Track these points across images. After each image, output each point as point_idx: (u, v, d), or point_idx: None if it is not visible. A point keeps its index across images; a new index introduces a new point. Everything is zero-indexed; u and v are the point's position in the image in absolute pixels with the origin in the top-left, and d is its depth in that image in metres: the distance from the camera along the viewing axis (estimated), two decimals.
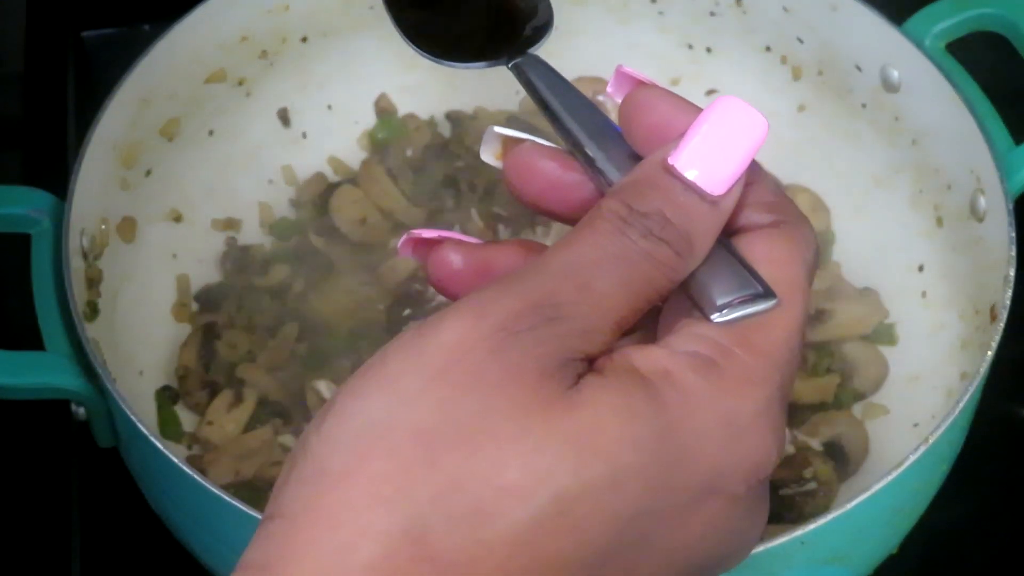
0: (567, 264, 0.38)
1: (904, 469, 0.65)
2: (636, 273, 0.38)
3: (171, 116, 0.83)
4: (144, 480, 0.74)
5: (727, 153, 0.39)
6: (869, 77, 0.83)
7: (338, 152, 0.90)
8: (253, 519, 0.64)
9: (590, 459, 0.36)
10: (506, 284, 0.38)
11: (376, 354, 0.38)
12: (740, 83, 0.89)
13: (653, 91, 0.42)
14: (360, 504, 0.36)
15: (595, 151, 0.42)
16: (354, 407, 0.37)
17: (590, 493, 0.36)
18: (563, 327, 0.37)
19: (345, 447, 0.36)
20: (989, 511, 0.80)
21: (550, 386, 0.36)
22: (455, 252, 0.43)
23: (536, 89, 0.45)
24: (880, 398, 0.81)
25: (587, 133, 0.43)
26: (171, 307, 0.84)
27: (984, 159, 0.75)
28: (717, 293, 0.39)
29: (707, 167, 0.39)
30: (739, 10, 0.87)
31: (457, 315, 0.37)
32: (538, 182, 0.43)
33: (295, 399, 0.81)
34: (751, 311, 0.39)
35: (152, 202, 0.83)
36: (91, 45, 0.97)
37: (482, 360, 0.36)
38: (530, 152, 0.43)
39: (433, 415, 0.36)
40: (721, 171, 0.39)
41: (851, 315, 0.83)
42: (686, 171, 0.39)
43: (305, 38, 0.88)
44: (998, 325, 0.70)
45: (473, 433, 0.36)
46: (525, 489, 0.36)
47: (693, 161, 0.39)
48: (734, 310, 0.39)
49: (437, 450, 0.36)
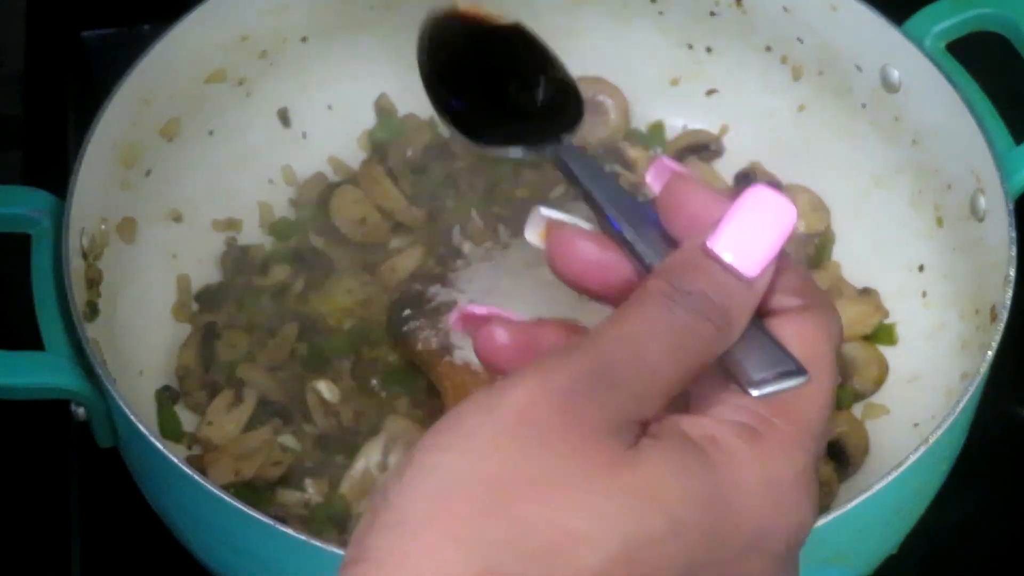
0: (621, 335, 0.41)
1: (905, 469, 0.65)
2: (682, 345, 0.41)
3: (171, 116, 0.83)
4: (144, 480, 0.74)
5: (760, 238, 0.43)
6: (869, 77, 0.83)
7: (338, 152, 0.90)
8: (253, 519, 0.64)
9: (653, 510, 0.39)
10: (567, 352, 0.41)
11: (449, 413, 0.41)
12: (740, 83, 0.89)
13: (690, 184, 0.45)
14: (439, 548, 0.38)
15: (633, 235, 0.46)
16: (432, 460, 0.40)
17: (654, 542, 0.39)
18: (621, 392, 0.40)
19: (424, 497, 0.39)
20: (989, 511, 0.80)
21: (612, 444, 0.40)
22: (502, 329, 0.46)
23: (576, 178, 0.49)
24: (880, 398, 0.81)
25: (626, 218, 0.46)
26: (171, 307, 0.84)
27: (984, 159, 0.75)
28: (754, 369, 0.42)
29: (742, 250, 0.42)
30: (739, 10, 0.87)
31: (524, 377, 0.40)
32: (578, 262, 0.47)
33: (295, 399, 0.81)
34: (785, 386, 0.42)
35: (152, 202, 0.83)
36: (91, 45, 0.97)
37: (550, 418, 0.39)
38: (571, 235, 0.47)
39: (505, 466, 0.39)
40: (755, 254, 0.42)
41: (851, 315, 0.83)
42: (723, 254, 0.43)
43: (305, 38, 0.88)
44: (998, 325, 0.70)
45: (544, 483, 0.39)
46: (594, 534, 0.38)
47: (730, 245, 0.42)
48: (769, 385, 0.42)
49: (510, 497, 0.38)
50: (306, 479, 0.78)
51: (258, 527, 0.64)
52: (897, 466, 0.65)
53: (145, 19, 0.95)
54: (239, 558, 0.69)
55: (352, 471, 0.77)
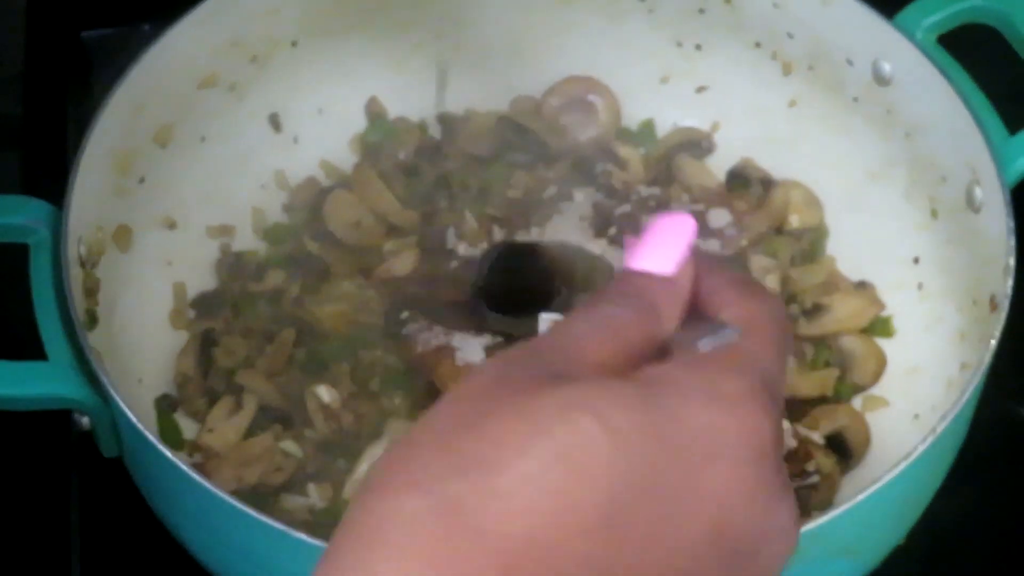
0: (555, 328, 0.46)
1: (913, 460, 0.65)
2: (605, 325, 0.45)
3: (164, 122, 0.82)
4: (150, 489, 0.73)
5: (667, 243, 0.49)
6: (861, 71, 0.83)
7: (330, 156, 0.90)
8: (262, 524, 0.64)
9: (579, 415, 0.41)
10: (509, 352, 0.45)
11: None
12: (730, 79, 0.90)
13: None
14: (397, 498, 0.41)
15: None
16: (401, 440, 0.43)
17: (586, 447, 0.41)
18: (548, 356, 0.44)
19: (385, 467, 0.42)
20: (989, 511, 0.80)
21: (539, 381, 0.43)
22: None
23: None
24: (879, 390, 0.82)
25: None
26: (168, 314, 0.84)
27: (979, 150, 0.76)
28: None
29: (654, 257, 0.48)
30: (728, 7, 0.87)
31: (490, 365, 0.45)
32: None
33: (295, 404, 0.80)
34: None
35: (146, 209, 0.83)
36: (91, 45, 0.97)
37: (486, 383, 0.43)
38: None
39: (449, 420, 0.43)
40: (665, 255, 0.48)
41: (848, 309, 0.83)
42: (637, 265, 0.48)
43: (295, 42, 0.87)
44: (1000, 314, 0.70)
45: (478, 422, 0.42)
46: (525, 445, 0.41)
47: (644, 258, 0.48)
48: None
49: (451, 439, 0.42)
50: (309, 484, 0.78)
51: (270, 533, 0.64)
52: (905, 457, 0.65)
53: (145, 19, 0.95)
54: (249, 565, 0.69)
55: (355, 475, 0.77)
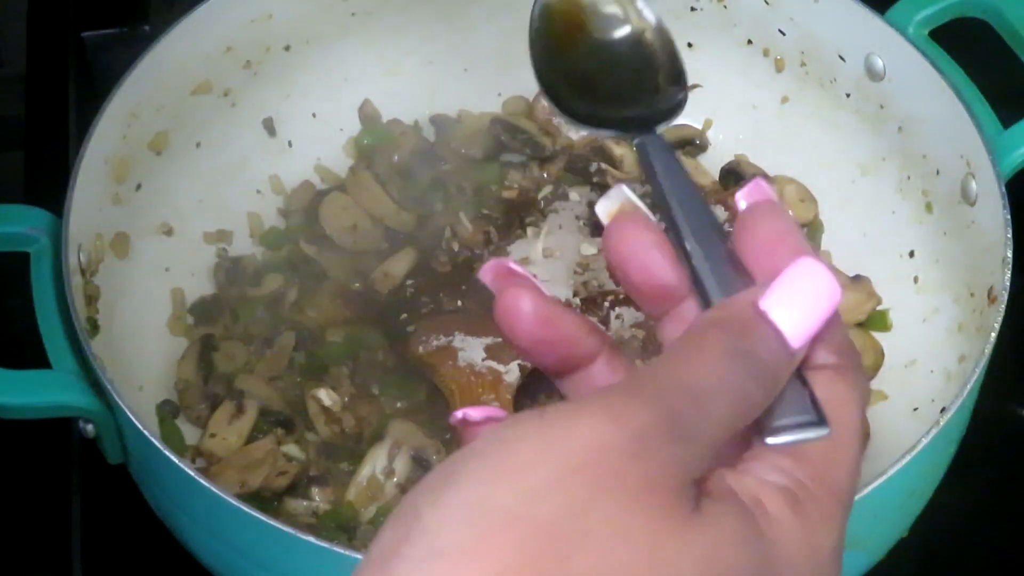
0: (689, 387, 0.39)
1: (917, 452, 0.65)
2: (740, 406, 0.40)
3: (159, 129, 0.83)
4: (155, 494, 0.73)
5: (808, 311, 0.42)
6: (853, 66, 0.84)
7: (325, 160, 0.90)
8: (269, 527, 0.64)
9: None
10: (634, 391, 0.39)
11: (491, 436, 0.38)
12: (723, 77, 0.90)
13: (773, 208, 0.45)
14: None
15: (694, 247, 0.44)
16: (479, 490, 0.36)
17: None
18: (691, 448, 0.38)
19: (467, 531, 0.36)
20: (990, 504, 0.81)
21: (680, 503, 0.37)
22: (529, 296, 0.44)
23: (654, 171, 0.47)
24: (878, 384, 0.82)
25: (691, 227, 0.45)
26: (167, 321, 0.84)
27: (974, 143, 0.76)
28: (776, 415, 0.41)
29: (790, 320, 0.42)
30: (720, 5, 0.88)
31: (592, 414, 0.38)
32: (629, 248, 0.45)
33: (296, 408, 0.80)
34: (803, 437, 0.41)
35: (143, 216, 0.83)
36: (91, 46, 0.97)
37: (620, 465, 0.37)
38: (637, 220, 0.45)
39: (567, 511, 0.36)
40: (801, 327, 0.42)
41: (844, 303, 0.82)
42: (775, 319, 0.42)
43: (288, 47, 0.88)
44: (999, 306, 0.71)
45: (608, 536, 0.36)
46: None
47: (780, 311, 0.42)
48: (788, 433, 0.41)
49: (570, 548, 0.35)
50: (312, 487, 0.78)
51: (277, 536, 0.64)
52: (910, 449, 0.65)
53: (145, 19, 0.94)
54: (255, 568, 0.69)
55: (358, 477, 0.77)
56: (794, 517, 0.40)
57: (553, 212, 0.88)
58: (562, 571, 0.35)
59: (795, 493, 0.40)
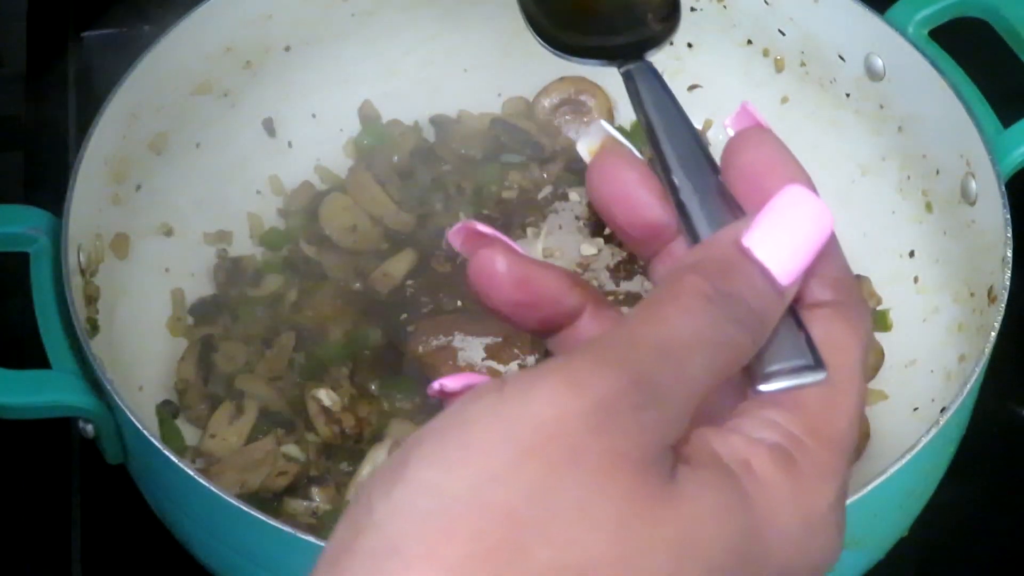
0: (661, 342, 0.36)
1: (917, 451, 0.65)
2: (720, 358, 0.37)
3: (159, 130, 0.83)
4: (155, 494, 0.73)
5: (796, 244, 0.39)
6: (853, 66, 0.84)
7: (324, 160, 0.90)
8: (269, 527, 0.64)
9: (689, 561, 0.35)
10: (599, 354, 0.36)
11: (451, 412, 0.35)
12: (723, 77, 0.90)
13: (761, 133, 0.42)
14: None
15: (682, 180, 0.42)
16: (432, 477, 0.34)
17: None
18: (663, 413, 0.36)
19: (423, 524, 0.33)
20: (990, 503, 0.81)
21: (651, 477, 0.35)
22: (502, 256, 0.41)
23: (640, 101, 0.44)
24: (878, 384, 0.82)
25: (679, 159, 0.42)
26: (167, 321, 0.84)
27: (974, 143, 0.76)
28: (768, 360, 0.39)
29: (777, 256, 0.39)
30: (720, 5, 0.88)
31: (550, 383, 0.35)
32: (613, 187, 0.42)
33: (296, 408, 0.80)
34: (797, 383, 0.38)
35: (143, 217, 0.83)
36: (91, 45, 0.97)
37: (581, 440, 0.34)
38: (620, 160, 0.42)
39: (526, 496, 0.33)
40: (790, 261, 0.39)
41: None
42: (759, 256, 0.39)
43: (288, 47, 0.88)
44: (999, 305, 0.71)
45: (571, 521, 0.33)
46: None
47: (765, 247, 0.39)
48: (781, 379, 0.39)
49: (530, 536, 0.33)
50: (312, 488, 0.78)
51: (277, 536, 0.64)
52: (910, 448, 0.65)
53: (145, 19, 0.95)
54: (255, 568, 0.69)
55: (358, 478, 0.77)
56: (785, 478, 0.37)
57: (553, 212, 0.88)
58: (522, 564, 0.33)
59: (787, 450, 0.37)
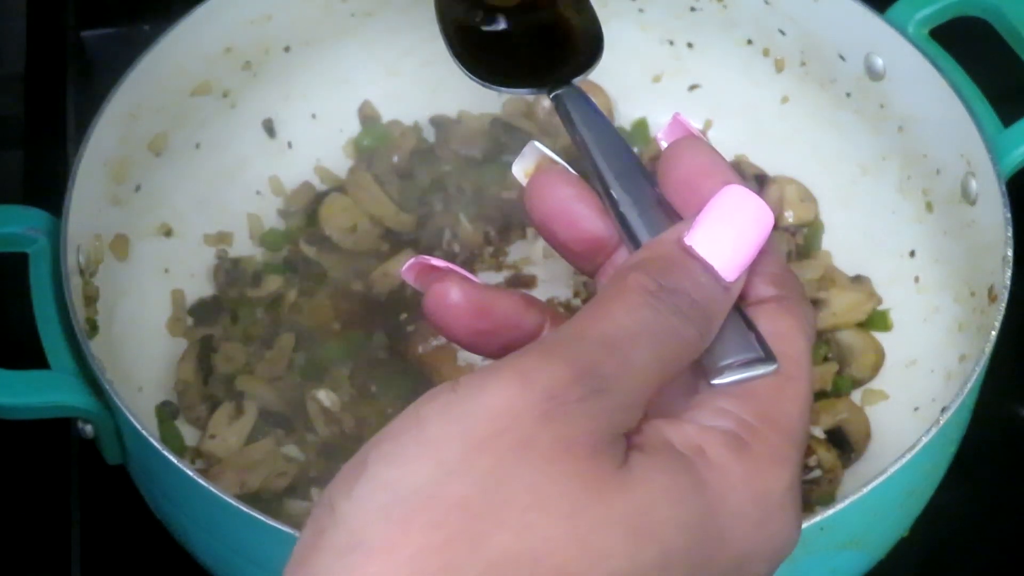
0: (606, 335, 0.38)
1: (918, 451, 0.65)
2: (667, 349, 0.39)
3: (158, 130, 0.83)
4: (154, 495, 0.73)
5: (739, 241, 0.41)
6: (853, 66, 0.84)
7: (324, 161, 0.90)
8: (269, 528, 0.64)
9: (644, 542, 0.36)
10: (547, 349, 0.37)
11: (407, 413, 0.37)
12: (723, 77, 0.90)
13: (694, 142, 0.43)
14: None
15: (620, 193, 0.43)
16: (390, 474, 0.35)
17: (643, 575, 0.36)
18: (610, 401, 0.37)
19: (383, 517, 0.35)
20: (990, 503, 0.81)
21: (602, 462, 0.36)
22: (457, 287, 0.43)
23: (572, 122, 0.46)
24: (879, 384, 0.82)
25: (615, 174, 0.43)
26: (166, 322, 0.83)
27: (974, 142, 0.76)
28: (720, 355, 0.40)
29: (720, 252, 0.40)
30: (720, 5, 0.88)
31: (500, 378, 0.36)
32: (551, 204, 0.43)
33: (296, 409, 0.80)
34: (751, 375, 0.40)
35: (142, 217, 0.83)
36: (91, 45, 0.97)
37: (532, 429, 0.35)
38: (555, 177, 0.44)
39: (480, 486, 0.35)
40: (734, 257, 0.40)
41: (845, 303, 0.84)
42: (702, 253, 0.40)
43: (288, 47, 0.87)
44: (999, 305, 0.71)
45: (525, 508, 0.35)
46: (580, 570, 0.35)
47: (708, 245, 0.40)
48: (734, 372, 0.40)
49: (486, 524, 0.34)
50: (312, 488, 0.78)
51: (277, 536, 0.64)
52: (911, 448, 0.65)
53: (145, 19, 0.95)
54: (255, 569, 0.69)
55: None
56: (738, 461, 0.38)
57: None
58: (479, 550, 0.34)
59: (740, 436, 0.39)
